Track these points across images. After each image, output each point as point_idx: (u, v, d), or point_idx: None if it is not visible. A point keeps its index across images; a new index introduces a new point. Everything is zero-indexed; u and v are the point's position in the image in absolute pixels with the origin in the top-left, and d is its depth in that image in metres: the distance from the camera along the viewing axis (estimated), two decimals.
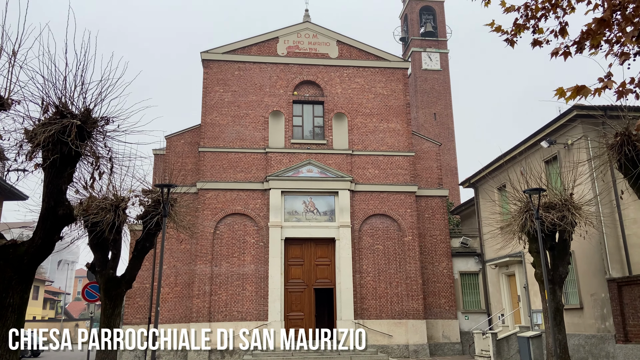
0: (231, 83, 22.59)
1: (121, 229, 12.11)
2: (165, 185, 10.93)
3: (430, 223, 22.92)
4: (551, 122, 16.92)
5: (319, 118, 22.92)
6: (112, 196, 11.97)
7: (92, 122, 7.45)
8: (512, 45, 8.28)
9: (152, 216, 11.99)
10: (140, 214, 12.58)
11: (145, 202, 12.24)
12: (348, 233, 21.29)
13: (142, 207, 12.38)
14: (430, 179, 23.49)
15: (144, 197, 12.31)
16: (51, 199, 7.28)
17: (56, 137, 7.00)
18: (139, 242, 12.55)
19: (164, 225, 11.14)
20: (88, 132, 7.57)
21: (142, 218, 12.39)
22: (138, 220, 12.55)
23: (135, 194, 12.41)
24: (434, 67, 42.93)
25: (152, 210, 12.26)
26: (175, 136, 22.45)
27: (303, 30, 23.58)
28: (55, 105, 7.28)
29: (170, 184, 11.02)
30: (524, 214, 13.95)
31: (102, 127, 7.46)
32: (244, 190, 21.55)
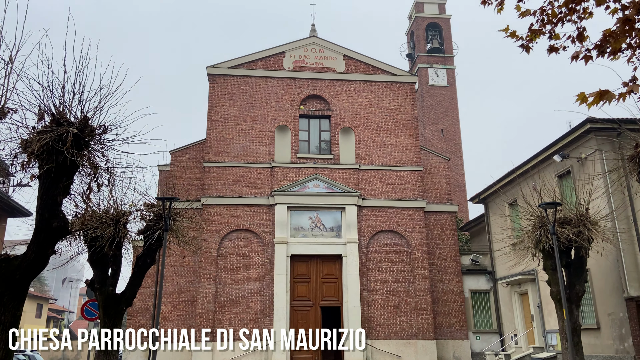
0: (237, 97, 22.40)
1: (121, 244, 11.74)
2: (167, 198, 10.58)
3: (440, 240, 22.39)
4: (564, 136, 16.51)
5: (326, 132, 22.63)
6: (112, 210, 11.65)
7: (89, 131, 7.14)
8: (527, 52, 7.94)
9: (153, 231, 11.62)
10: (141, 228, 12.22)
11: (147, 217, 11.88)
12: (355, 250, 20.79)
13: (144, 221, 12.03)
14: (439, 195, 23.03)
15: (146, 211, 11.96)
16: (45, 211, 6.93)
17: (51, 146, 6.69)
18: (140, 257, 12.17)
19: (165, 240, 10.75)
20: (86, 141, 7.27)
21: (144, 233, 12.02)
22: (139, 236, 12.18)
23: (136, 207, 12.08)
24: (440, 83, 42.74)
25: (154, 224, 11.90)
26: (180, 151, 22.21)
27: (309, 45, 23.44)
28: (51, 113, 6.99)
29: (172, 197, 10.66)
30: (538, 230, 13.45)
31: (100, 136, 7.15)
32: (249, 206, 21.18)
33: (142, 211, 11.91)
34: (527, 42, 7.77)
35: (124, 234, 11.58)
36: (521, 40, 7.84)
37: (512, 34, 7.77)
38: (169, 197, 10.52)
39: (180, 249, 16.18)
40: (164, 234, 10.66)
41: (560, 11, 7.63)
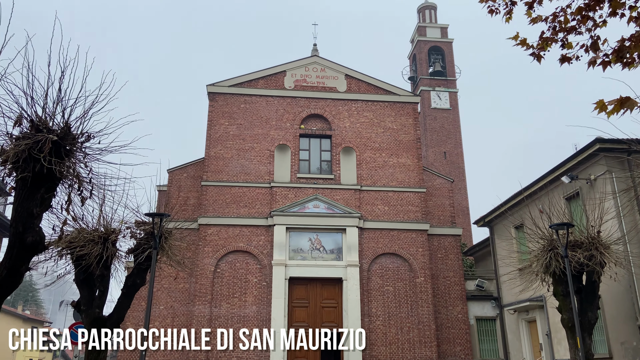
0: (237, 116, 22.06)
1: (110, 263, 11.16)
2: (158, 214, 10.03)
3: (444, 264, 21.68)
4: (572, 157, 16.01)
5: (327, 152, 22.19)
6: (102, 228, 11.11)
7: (71, 139, 6.67)
8: (538, 61, 7.49)
9: (143, 249, 11.06)
10: (131, 247, 11.66)
11: (137, 235, 11.33)
12: (356, 273, 20.10)
13: (134, 240, 11.47)
14: (443, 217, 22.42)
15: (137, 228, 11.42)
16: (19, 224, 6.39)
17: (27, 153, 6.21)
18: (129, 278, 11.57)
19: (155, 259, 10.16)
20: (67, 149, 6.79)
21: (134, 252, 11.47)
22: (129, 255, 11.61)
23: (127, 225, 11.54)
24: (443, 106, 42.55)
25: (145, 243, 11.35)
26: (178, 170, 21.76)
27: (311, 64, 23.21)
28: (30, 120, 6.53)
29: (162, 213, 10.12)
30: (548, 253, 12.83)
31: (82, 144, 6.67)
32: (247, 226, 20.59)
33: (133, 229, 11.36)
34: (538, 51, 7.34)
35: (113, 252, 11.02)
36: (532, 49, 7.42)
37: (522, 42, 7.34)
38: (159, 214, 9.97)
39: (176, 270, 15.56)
40: (154, 253, 10.07)
41: (573, 18, 7.23)
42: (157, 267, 19.76)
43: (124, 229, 11.33)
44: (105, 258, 10.66)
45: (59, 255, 11.24)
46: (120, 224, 11.35)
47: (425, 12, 46.09)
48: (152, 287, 10.30)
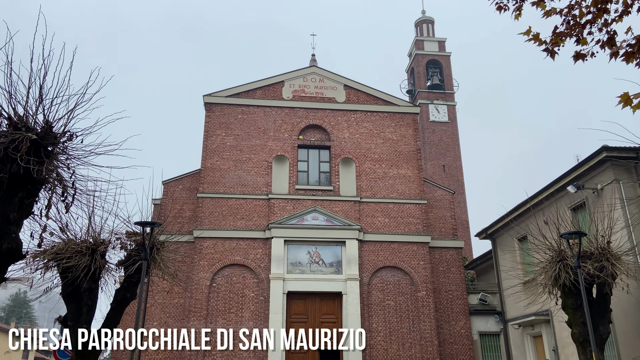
0: (234, 127, 21.65)
1: (98, 276, 10.60)
2: (148, 223, 9.51)
3: (446, 277, 21.11)
4: (578, 166, 15.59)
5: (325, 163, 21.74)
6: (90, 238, 10.58)
7: (52, 138, 6.19)
8: (552, 57, 7.08)
9: (134, 261, 10.51)
10: (122, 259, 11.11)
11: (127, 246, 10.79)
12: (356, 287, 19.50)
13: (124, 251, 10.93)
14: (444, 229, 21.91)
15: (127, 239, 10.88)
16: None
17: (3, 152, 5.73)
18: (118, 292, 11.00)
19: (144, 271, 9.61)
20: (48, 150, 6.31)
21: (123, 264, 10.91)
22: (119, 267, 11.05)
23: (117, 236, 11.01)
24: (441, 119, 42.32)
25: (135, 255, 10.80)
26: (173, 182, 21.25)
27: (309, 75, 22.90)
28: (8, 117, 6.06)
29: (153, 222, 9.59)
30: (556, 264, 12.31)
31: (64, 143, 6.19)
32: (244, 239, 20.03)
33: (123, 239, 10.83)
34: (551, 47, 6.94)
35: (102, 264, 10.47)
36: (544, 45, 7.03)
37: (535, 37, 6.94)
38: (149, 222, 9.45)
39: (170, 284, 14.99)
40: (144, 264, 9.52)
41: (589, 11, 6.85)
42: (150, 281, 19.17)
43: (114, 239, 10.80)
44: (93, 270, 10.11)
45: (45, 267, 10.71)
46: (110, 235, 10.83)
47: (423, 26, 46.15)
48: (141, 301, 9.71)
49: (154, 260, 10.87)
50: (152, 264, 11.17)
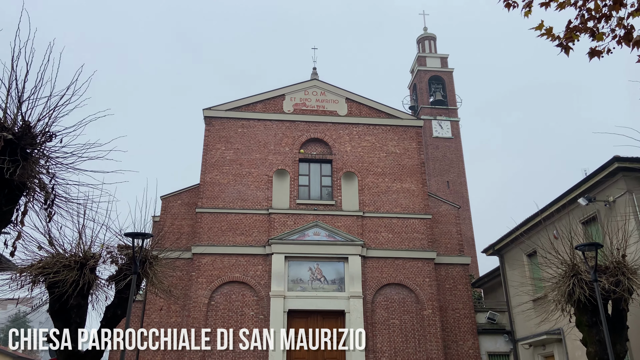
0: (234, 140, 21.26)
1: (88, 292, 10.07)
2: (138, 234, 9.00)
3: (452, 295, 20.41)
4: (588, 177, 15.07)
5: (327, 177, 21.26)
6: (80, 252, 10.07)
7: (30, 138, 5.75)
8: (566, 52, 6.64)
9: (125, 276, 9.98)
10: (113, 274, 10.59)
11: (118, 259, 10.27)
12: (360, 305, 18.82)
13: (115, 265, 10.41)
14: (450, 245, 21.28)
15: (118, 253, 10.37)
16: None
17: None
18: (109, 308, 10.44)
19: (134, 285, 9.06)
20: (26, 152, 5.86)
21: (114, 279, 10.38)
22: (110, 282, 10.51)
23: (108, 249, 10.50)
24: (445, 135, 41.96)
25: (127, 269, 10.27)
26: (172, 196, 20.79)
27: (310, 88, 22.58)
28: None
29: (143, 233, 9.09)
30: (570, 279, 11.72)
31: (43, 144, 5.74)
32: (244, 255, 19.45)
33: (114, 253, 10.31)
34: (565, 41, 6.51)
35: (92, 279, 9.94)
36: (558, 40, 6.60)
37: (547, 31, 6.50)
38: (140, 233, 8.95)
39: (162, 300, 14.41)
40: (133, 278, 8.99)
41: (605, 4, 6.44)
42: (146, 300, 18.54)
43: (105, 253, 10.29)
44: (82, 286, 9.58)
45: (32, 283, 10.19)
46: (100, 248, 10.32)
47: (425, 42, 46.15)
48: (129, 320, 9.15)
49: (147, 275, 10.34)
50: (145, 280, 10.65)
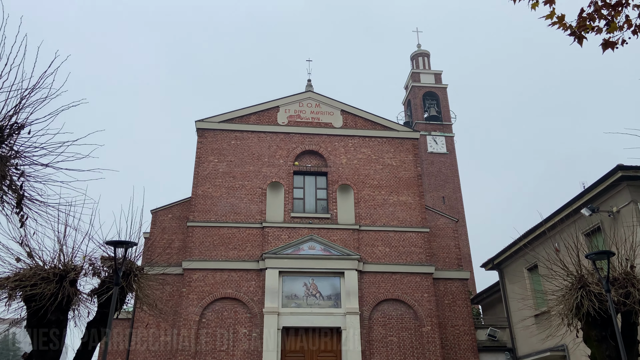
0: (227, 153, 20.77)
1: (68, 307, 9.41)
2: (120, 242, 8.41)
3: (451, 311, 19.78)
4: (591, 187, 14.66)
5: (322, 190, 20.77)
6: (60, 264, 9.45)
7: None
8: (580, 42, 6.23)
9: (107, 289, 9.35)
10: (95, 287, 9.94)
11: (100, 271, 9.65)
12: (356, 321, 18.15)
13: (97, 277, 9.78)
14: (448, 260, 20.73)
15: (101, 265, 9.74)
16: None
17: None
18: (91, 324, 9.76)
19: (115, 297, 8.43)
20: None
21: (97, 293, 9.73)
22: (92, 296, 9.86)
23: (90, 261, 9.87)
24: (440, 150, 41.74)
25: (110, 282, 9.64)
26: (162, 210, 20.17)
27: (305, 100, 22.23)
28: None
29: (126, 241, 8.50)
30: (578, 291, 11.17)
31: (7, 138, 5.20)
32: (237, 271, 18.79)
33: (97, 265, 9.69)
34: (579, 30, 6.12)
35: (72, 293, 9.30)
36: (570, 29, 6.21)
37: (559, 19, 6.10)
38: (122, 242, 8.36)
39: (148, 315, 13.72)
40: (115, 290, 8.37)
41: None
42: (135, 317, 17.78)
43: (87, 265, 9.66)
44: (61, 300, 8.94)
45: (9, 297, 9.53)
46: (82, 260, 9.71)
47: (419, 59, 46.28)
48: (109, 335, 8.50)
49: (131, 289, 9.71)
50: (130, 294, 10.01)
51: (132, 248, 9.79)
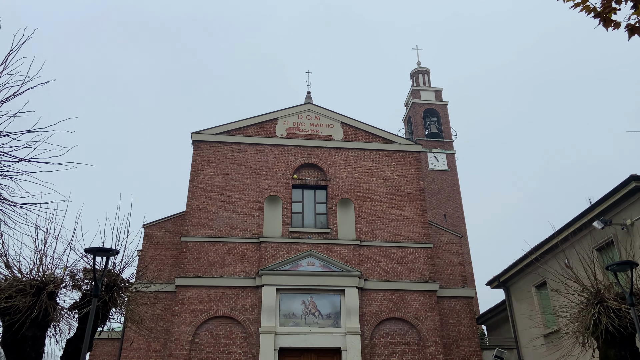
0: (223, 165, 20.16)
1: (46, 322, 8.68)
2: (100, 250, 7.73)
3: (456, 330, 18.93)
4: (602, 199, 14.01)
5: (322, 204, 20.10)
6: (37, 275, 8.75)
7: None
8: (606, 26, 5.68)
9: (89, 302, 8.63)
10: (76, 301, 9.22)
11: (81, 283, 8.94)
12: (357, 342, 17.29)
13: (78, 291, 9.06)
14: (453, 277, 19.94)
15: (82, 277, 9.04)
16: None
17: None
18: (70, 342, 9.02)
19: (93, 310, 7.70)
20: None
21: (77, 307, 9.01)
22: (72, 311, 9.13)
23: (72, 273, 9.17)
24: (441, 167, 41.20)
25: (91, 295, 8.92)
26: (155, 225, 19.45)
27: (304, 112, 21.73)
28: None
29: (106, 248, 7.82)
30: (595, 307, 10.45)
31: None
32: (232, 288, 18.00)
33: (78, 276, 8.98)
34: (604, 11, 5.56)
35: (50, 307, 8.58)
36: (594, 12, 5.67)
37: (582, 1, 5.61)
38: (102, 249, 7.67)
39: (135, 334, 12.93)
40: (93, 302, 7.65)
41: None
42: (125, 335, 16.92)
43: (67, 277, 8.96)
44: (37, 314, 8.21)
45: None
46: (63, 271, 9.01)
47: (419, 76, 46.14)
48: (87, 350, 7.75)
49: (115, 303, 8.98)
50: (113, 308, 9.28)
51: (117, 259, 9.13)
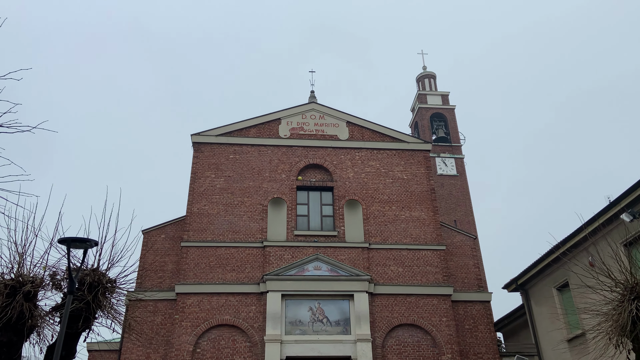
0: (225, 167, 19.38)
1: (23, 325, 7.82)
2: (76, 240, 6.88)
3: (473, 337, 17.86)
4: (631, 190, 12.98)
5: (328, 206, 19.22)
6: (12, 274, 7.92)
7: None
8: None
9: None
10: (58, 303, 8.37)
11: (61, 283, 8.09)
12: (368, 350, 16.27)
13: (59, 291, 8.21)
14: (468, 280, 18.92)
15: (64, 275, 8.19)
16: None
17: None
18: (50, 349, 8.14)
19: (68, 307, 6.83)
20: None
21: (58, 309, 8.16)
22: (53, 314, 8.27)
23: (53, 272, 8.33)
24: (449, 172, 40.23)
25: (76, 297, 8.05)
26: (154, 230, 18.63)
27: (308, 112, 20.96)
28: None
29: (87, 238, 6.97)
30: (632, 304, 9.45)
31: None
32: (235, 294, 17.09)
33: (59, 275, 8.14)
34: None
35: (27, 309, 7.73)
36: None
37: None
38: (76, 238, 6.83)
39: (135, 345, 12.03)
40: (68, 299, 6.79)
41: None
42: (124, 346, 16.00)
43: (47, 276, 8.12)
44: (11, 316, 7.37)
45: None
46: (43, 270, 8.17)
47: (425, 81, 45.50)
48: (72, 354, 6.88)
49: (99, 305, 8.12)
50: (99, 310, 8.40)
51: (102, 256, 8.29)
